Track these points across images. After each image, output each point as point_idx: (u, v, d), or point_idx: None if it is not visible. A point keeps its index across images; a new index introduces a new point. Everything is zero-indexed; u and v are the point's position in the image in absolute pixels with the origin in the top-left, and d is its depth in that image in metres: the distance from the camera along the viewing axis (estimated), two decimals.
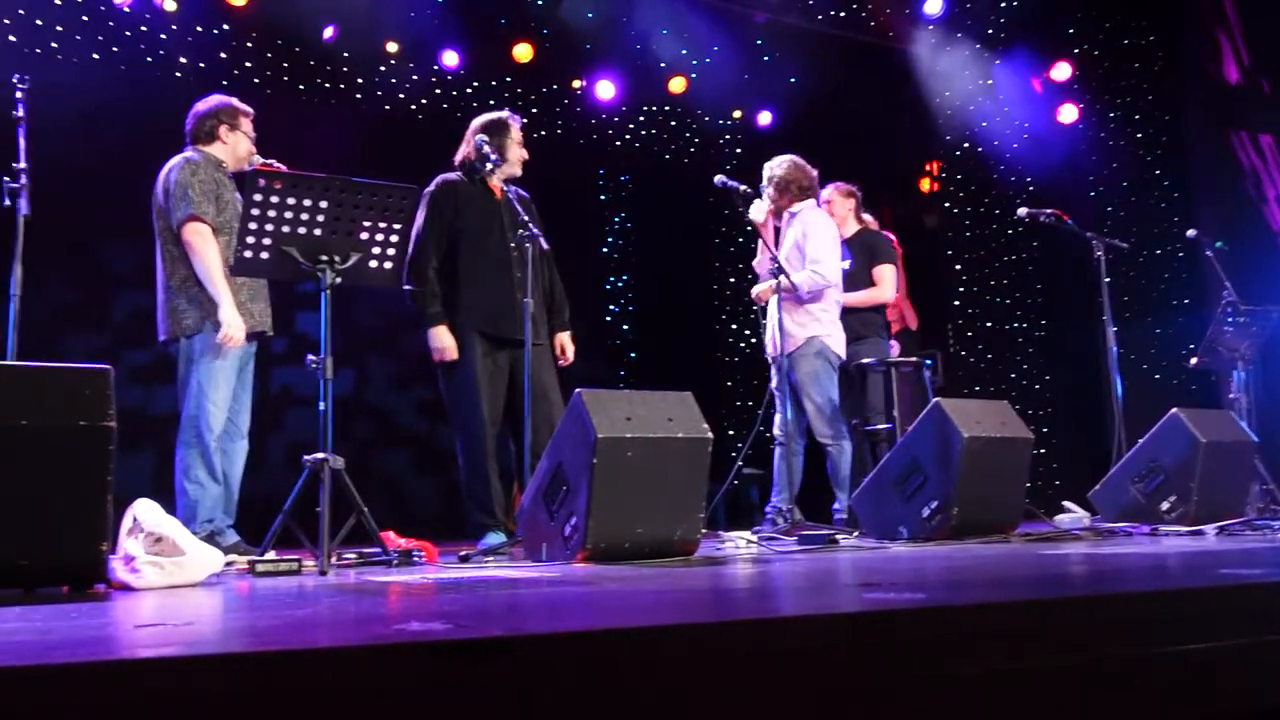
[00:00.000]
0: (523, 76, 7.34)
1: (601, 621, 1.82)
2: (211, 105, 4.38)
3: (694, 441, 3.61)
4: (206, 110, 4.37)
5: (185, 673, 1.37)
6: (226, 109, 4.37)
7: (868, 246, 5.74)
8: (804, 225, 5.27)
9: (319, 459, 3.47)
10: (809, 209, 5.35)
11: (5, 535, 2.63)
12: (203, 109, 4.39)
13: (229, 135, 4.34)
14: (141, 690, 1.34)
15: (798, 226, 5.29)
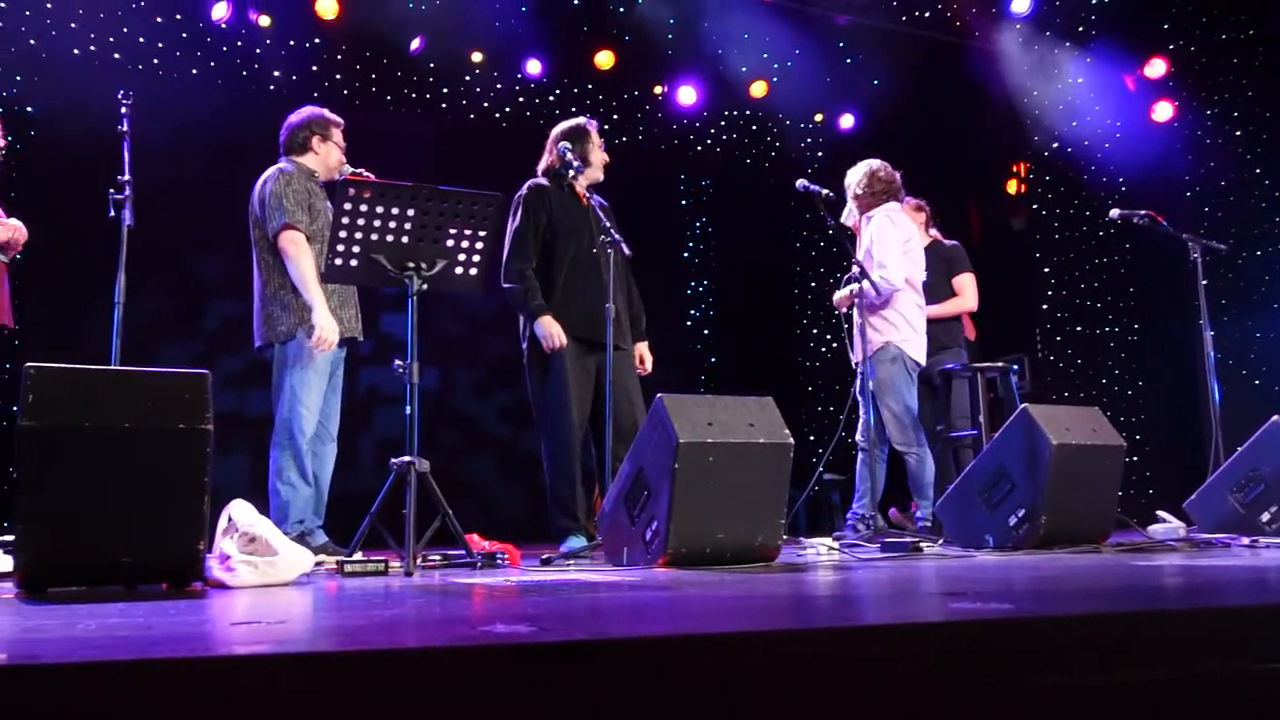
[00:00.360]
0: (604, 83, 7.39)
1: (683, 627, 1.82)
2: (304, 116, 4.51)
3: (775, 447, 3.59)
4: (299, 121, 4.50)
5: (278, 670, 1.41)
6: (318, 120, 4.49)
7: (944, 258, 5.69)
8: (872, 229, 5.23)
9: (405, 462, 3.54)
10: (880, 213, 5.30)
11: (108, 533, 2.74)
12: (295, 120, 4.51)
13: (321, 146, 4.47)
14: (236, 686, 1.39)
15: (869, 231, 5.25)
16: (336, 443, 4.46)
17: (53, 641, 1.64)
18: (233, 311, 6.49)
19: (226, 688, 1.37)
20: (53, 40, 6.18)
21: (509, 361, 7.53)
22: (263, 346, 4.34)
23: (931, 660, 1.69)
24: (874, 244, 5.17)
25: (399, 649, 1.49)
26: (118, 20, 6.27)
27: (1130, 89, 7.66)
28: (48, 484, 2.69)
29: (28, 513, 2.67)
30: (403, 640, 1.64)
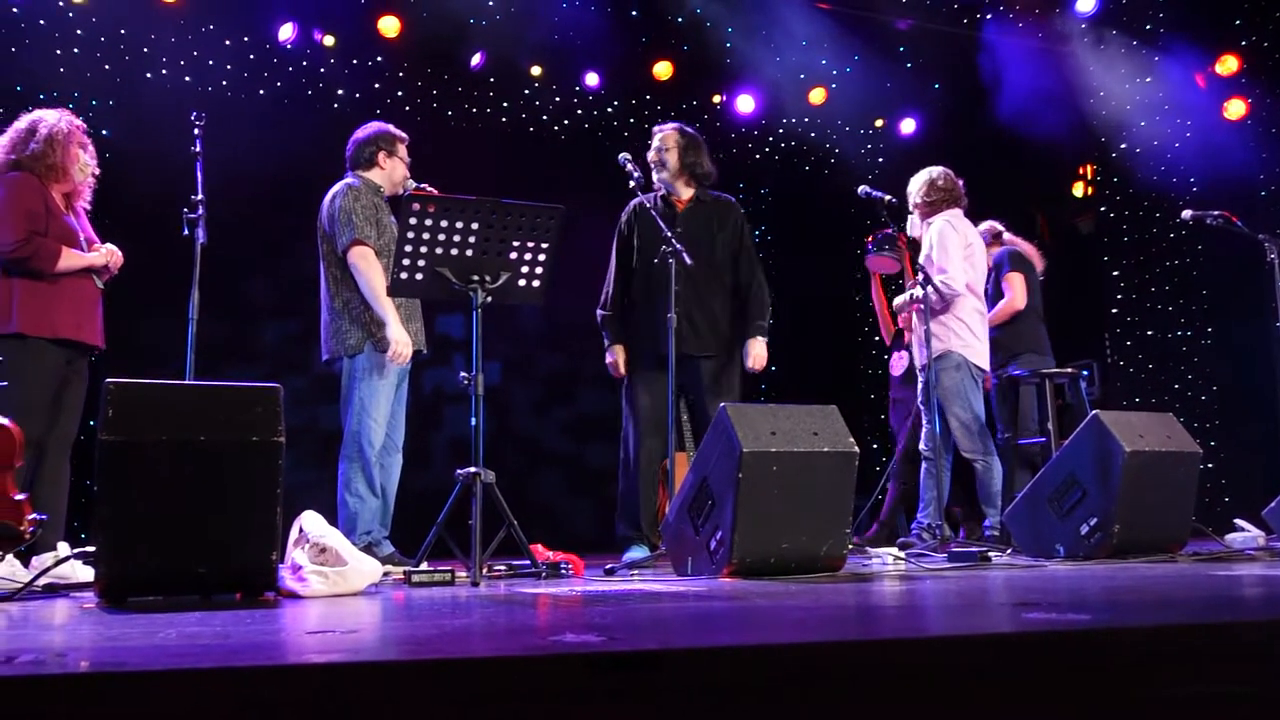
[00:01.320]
0: (663, 94, 7.42)
1: (750, 637, 1.82)
2: (370, 132, 4.58)
3: (840, 456, 3.56)
4: (366, 137, 4.57)
5: (353, 679, 1.44)
6: (385, 135, 4.57)
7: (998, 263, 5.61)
8: (932, 234, 5.18)
9: (470, 473, 3.58)
10: (940, 218, 5.24)
11: (185, 544, 2.81)
12: (362, 135, 4.59)
13: (387, 161, 4.54)
14: (312, 694, 1.41)
15: (929, 235, 5.20)
16: (402, 453, 4.52)
17: (136, 650, 1.69)
18: (299, 326, 6.63)
19: (303, 696, 1.40)
20: (126, 65, 6.37)
21: (563, 377, 7.62)
22: (330, 359, 4.41)
23: (1004, 673, 1.66)
24: (934, 248, 5.12)
25: (471, 658, 1.50)
26: (188, 44, 6.44)
27: (1201, 87, 7.49)
28: (126, 496, 2.76)
29: (108, 524, 2.75)
30: (474, 650, 1.66)
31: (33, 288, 3.80)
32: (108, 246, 4.04)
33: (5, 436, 3.33)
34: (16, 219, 3.76)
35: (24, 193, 3.83)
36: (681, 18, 7.01)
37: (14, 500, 3.32)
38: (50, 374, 3.83)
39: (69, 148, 3.95)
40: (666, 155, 4.71)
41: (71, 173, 3.98)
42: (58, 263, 3.82)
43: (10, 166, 3.90)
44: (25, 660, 1.54)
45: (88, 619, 2.41)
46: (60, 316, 3.84)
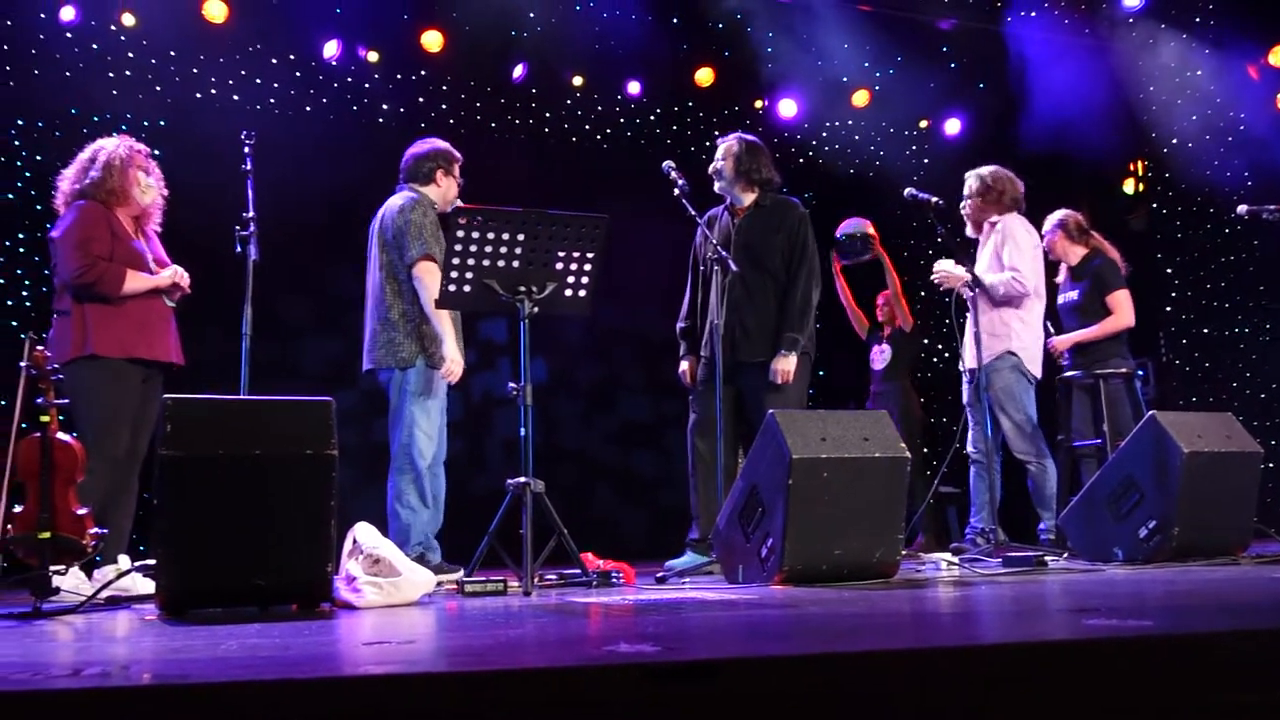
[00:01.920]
0: (704, 100, 7.41)
1: (805, 646, 1.81)
2: (430, 148, 4.60)
3: (891, 461, 3.54)
4: (425, 152, 4.58)
5: (411, 690, 1.45)
6: (444, 153, 4.60)
7: (1098, 276, 5.52)
8: (1005, 232, 5.11)
9: (520, 483, 3.59)
10: (1012, 217, 5.18)
11: (242, 557, 2.85)
12: (421, 151, 4.59)
13: (444, 179, 4.56)
14: (371, 705, 1.43)
15: (998, 234, 5.13)
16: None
17: (199, 662, 1.71)
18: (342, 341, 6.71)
19: (362, 707, 1.41)
20: (176, 86, 6.48)
21: (608, 386, 7.63)
22: (374, 369, 4.42)
23: (1065, 681, 1.64)
24: (1006, 247, 5.06)
25: (527, 669, 1.51)
26: (235, 64, 6.54)
27: (1254, 78, 7.34)
28: (185, 510, 2.81)
29: (168, 538, 2.80)
30: (531, 660, 1.67)
31: (103, 311, 3.90)
32: (174, 268, 4.12)
33: (68, 452, 3.40)
34: (79, 248, 3.86)
35: (87, 220, 3.92)
36: (722, 23, 7.00)
37: (77, 515, 3.39)
38: (125, 392, 3.92)
39: (127, 171, 4.04)
40: (723, 165, 4.73)
41: (133, 195, 4.07)
42: (123, 286, 3.91)
43: (76, 195, 4.02)
44: (92, 673, 1.57)
45: (150, 631, 2.46)
46: (130, 336, 3.93)
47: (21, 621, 2.80)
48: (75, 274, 3.84)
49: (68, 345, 3.86)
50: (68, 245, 3.87)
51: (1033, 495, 5.05)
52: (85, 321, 3.87)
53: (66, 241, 3.88)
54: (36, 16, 6.02)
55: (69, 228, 3.91)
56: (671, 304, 5.14)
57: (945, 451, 7.32)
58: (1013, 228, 5.12)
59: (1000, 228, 5.14)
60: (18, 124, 6.22)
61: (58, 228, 3.97)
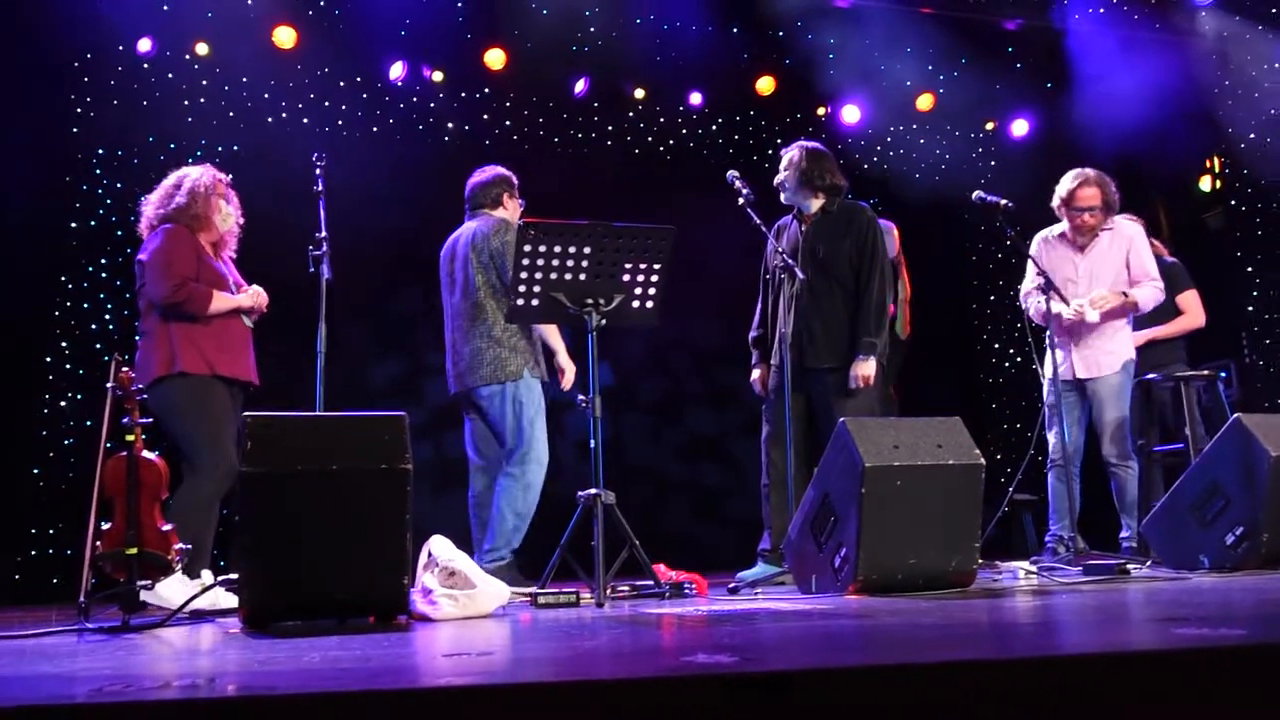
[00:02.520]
0: (766, 109, 7.39)
1: (883, 657, 1.79)
2: (493, 174, 4.77)
3: (966, 469, 3.48)
4: (489, 179, 4.75)
5: (491, 700, 1.46)
6: (506, 178, 4.78)
7: (1166, 276, 5.43)
8: (1129, 239, 5.04)
9: (592, 494, 3.61)
10: (1129, 223, 5.10)
11: (321, 571, 2.90)
12: (485, 179, 4.76)
13: (509, 202, 4.75)
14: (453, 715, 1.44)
15: (1122, 241, 5.02)
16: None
17: (285, 674, 1.75)
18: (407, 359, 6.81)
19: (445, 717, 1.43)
20: (248, 111, 6.65)
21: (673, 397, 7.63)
22: (476, 385, 4.52)
23: (1154, 692, 1.59)
24: (1137, 253, 4.99)
25: (607, 680, 1.51)
26: (305, 87, 6.69)
27: None
28: (266, 526, 2.87)
29: (249, 553, 2.86)
30: (609, 671, 1.67)
31: (190, 330, 4.04)
32: (254, 288, 4.26)
33: (153, 470, 3.50)
34: (168, 269, 4.01)
35: (175, 243, 4.08)
36: (783, 31, 6.99)
37: (162, 531, 3.48)
38: (213, 408, 4.04)
39: (210, 199, 4.19)
40: (786, 175, 4.71)
41: (215, 222, 4.23)
42: (210, 306, 4.06)
43: (161, 220, 4.17)
44: (182, 685, 1.61)
45: (234, 644, 2.51)
46: (216, 355, 4.08)
47: (111, 635, 2.88)
48: (165, 294, 3.98)
49: (155, 364, 3.99)
50: (157, 267, 4.02)
51: (1116, 500, 4.94)
52: (171, 340, 4.01)
53: (156, 263, 4.02)
54: (115, 50, 6.22)
55: (157, 250, 4.05)
56: (738, 314, 5.13)
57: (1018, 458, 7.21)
58: (1137, 233, 5.06)
59: (1122, 234, 5.05)
60: (98, 153, 6.42)
61: (146, 250, 4.11)
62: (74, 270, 6.27)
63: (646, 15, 6.93)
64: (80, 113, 6.32)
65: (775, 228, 4.73)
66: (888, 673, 1.60)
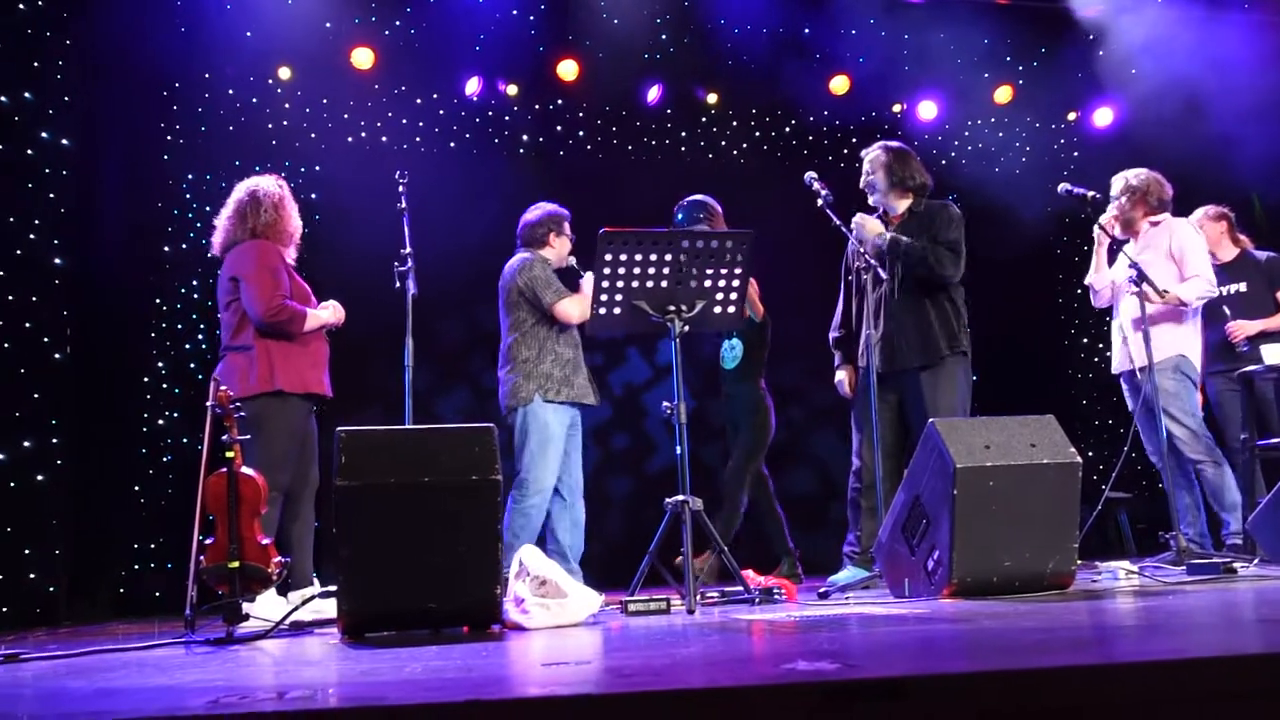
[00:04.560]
0: (840, 108, 7.31)
1: (991, 662, 1.75)
2: (541, 214, 4.92)
3: (1062, 467, 3.40)
4: (537, 219, 4.91)
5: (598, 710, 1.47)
6: (553, 216, 4.91)
7: (1263, 271, 5.29)
8: (1178, 236, 4.94)
9: (679, 501, 3.61)
10: (1174, 220, 4.98)
11: (416, 581, 2.95)
12: (533, 218, 4.92)
13: (556, 239, 4.89)
14: None
15: (1166, 237, 4.91)
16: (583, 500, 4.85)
17: (390, 684, 1.78)
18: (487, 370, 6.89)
19: None
20: (328, 131, 6.80)
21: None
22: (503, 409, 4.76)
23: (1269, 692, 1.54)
24: (1186, 250, 4.90)
25: (713, 688, 1.51)
26: (382, 106, 6.82)
27: None
28: (362, 538, 2.92)
29: (347, 565, 2.92)
30: (711, 679, 1.66)
31: (285, 348, 4.11)
32: (333, 303, 4.32)
33: (252, 486, 3.58)
34: (268, 287, 4.06)
35: (270, 260, 4.13)
36: (855, 29, 6.92)
37: (261, 545, 3.56)
38: (300, 425, 4.14)
39: (282, 208, 4.27)
40: (874, 177, 4.66)
41: (290, 231, 4.29)
42: (305, 324, 4.13)
43: (249, 235, 4.21)
44: (294, 696, 1.65)
45: (334, 654, 2.56)
46: (309, 372, 4.16)
47: (217, 647, 2.96)
48: (264, 313, 4.03)
49: (253, 380, 4.05)
50: (255, 285, 4.05)
51: (1212, 500, 4.80)
52: (270, 358, 4.07)
53: (254, 281, 4.06)
54: (202, 78, 6.41)
55: (256, 268, 4.09)
56: (821, 315, 5.08)
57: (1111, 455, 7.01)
58: (1187, 231, 4.97)
59: (1169, 230, 4.94)
60: (188, 179, 6.62)
61: (240, 267, 4.14)
62: (168, 293, 6.47)
63: (717, 20, 6.92)
64: (170, 140, 6.52)
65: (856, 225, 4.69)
66: (996, 679, 1.57)
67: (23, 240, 5.12)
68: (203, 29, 5.96)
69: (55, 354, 5.18)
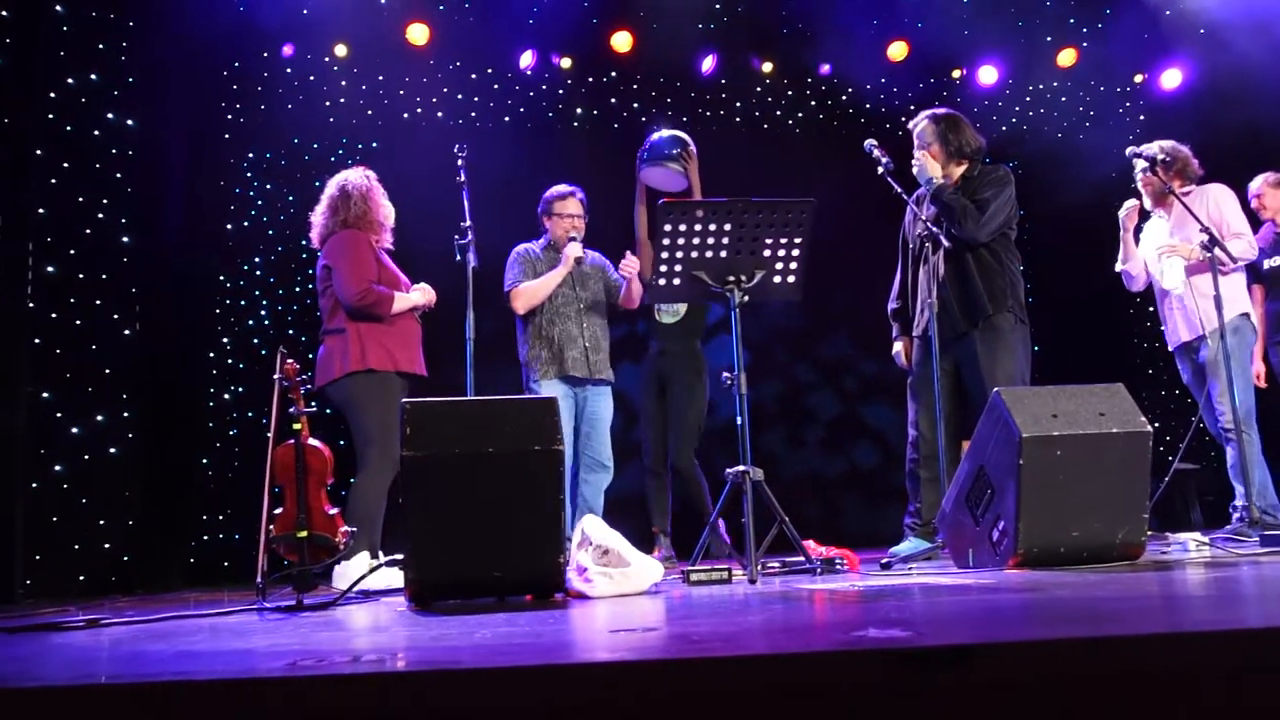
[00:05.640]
0: (898, 74, 7.20)
1: (1062, 630, 1.73)
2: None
3: (1132, 436, 3.33)
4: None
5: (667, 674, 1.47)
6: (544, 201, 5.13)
7: None
8: (1217, 199, 4.88)
9: (740, 471, 3.60)
10: (1204, 186, 4.93)
11: (481, 550, 2.98)
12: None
13: (548, 222, 5.10)
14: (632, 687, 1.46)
15: (1201, 204, 4.80)
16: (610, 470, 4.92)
17: (462, 649, 1.80)
18: None
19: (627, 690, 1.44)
20: (384, 108, 6.84)
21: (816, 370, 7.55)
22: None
23: None
24: (1225, 212, 4.84)
25: (784, 654, 1.51)
26: (437, 82, 6.84)
27: None
28: (427, 508, 2.96)
29: (414, 534, 2.95)
30: (785, 645, 1.66)
31: (375, 329, 4.30)
32: (423, 285, 4.48)
33: (319, 456, 3.65)
34: (356, 274, 4.26)
35: (359, 249, 4.33)
36: None
37: (329, 514, 3.63)
38: (392, 402, 4.23)
39: (370, 199, 4.43)
40: (929, 146, 4.58)
41: (384, 221, 4.49)
42: (392, 307, 4.31)
43: (341, 226, 4.41)
44: (369, 659, 1.68)
45: (403, 621, 2.60)
46: (399, 352, 4.33)
47: (288, 614, 3.02)
48: (353, 298, 4.23)
49: (346, 360, 4.24)
50: (343, 272, 4.26)
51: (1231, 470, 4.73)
52: (361, 339, 4.26)
53: (343, 269, 4.27)
54: (260, 56, 6.48)
55: (343, 256, 4.30)
56: (875, 286, 5.03)
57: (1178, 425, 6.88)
58: (1219, 192, 4.89)
59: (1207, 194, 4.87)
60: (248, 156, 6.71)
61: (332, 256, 4.34)
62: (231, 269, 6.58)
63: None
64: (230, 119, 6.61)
65: (915, 196, 4.62)
66: (1073, 646, 1.55)
67: (92, 219, 5.23)
68: (261, 8, 6.01)
69: (125, 330, 5.31)
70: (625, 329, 6.46)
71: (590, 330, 4.90)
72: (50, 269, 5.05)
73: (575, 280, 4.93)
